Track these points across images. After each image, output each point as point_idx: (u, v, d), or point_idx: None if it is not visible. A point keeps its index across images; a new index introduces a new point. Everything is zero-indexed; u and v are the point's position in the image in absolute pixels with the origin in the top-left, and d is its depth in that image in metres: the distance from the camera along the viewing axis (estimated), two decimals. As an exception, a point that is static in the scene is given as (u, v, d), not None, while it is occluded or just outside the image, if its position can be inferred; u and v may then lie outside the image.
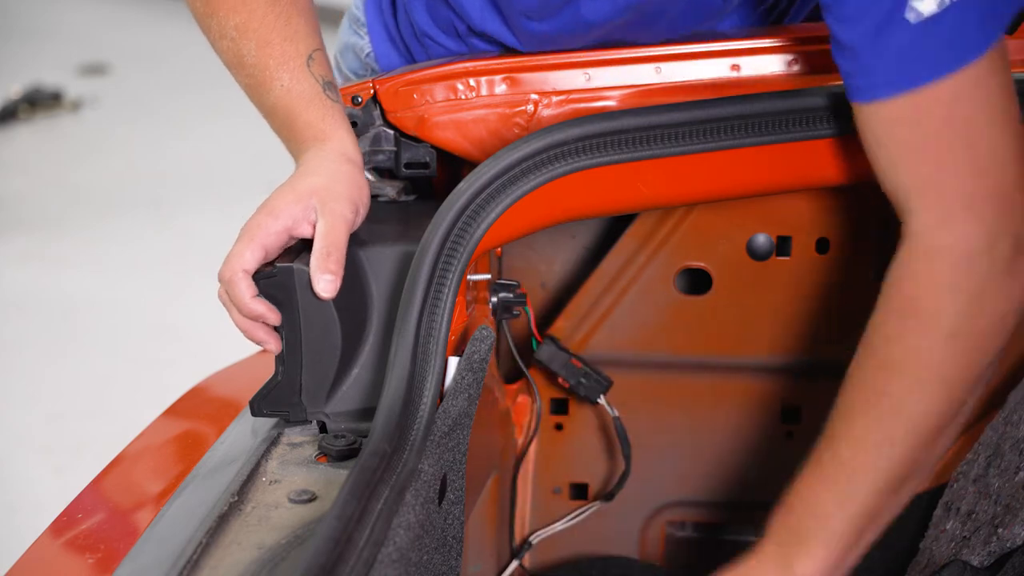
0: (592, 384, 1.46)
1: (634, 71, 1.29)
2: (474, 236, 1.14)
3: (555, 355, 1.46)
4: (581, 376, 1.46)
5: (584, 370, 1.46)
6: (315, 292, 1.09)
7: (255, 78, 1.21)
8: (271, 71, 1.20)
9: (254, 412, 1.14)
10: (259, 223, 1.11)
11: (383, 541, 0.92)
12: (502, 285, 1.36)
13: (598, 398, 1.46)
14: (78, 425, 3.13)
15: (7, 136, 5.64)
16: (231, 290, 1.11)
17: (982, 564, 1.21)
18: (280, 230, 1.12)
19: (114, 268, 4.13)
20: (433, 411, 1.08)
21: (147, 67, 6.51)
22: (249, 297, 1.10)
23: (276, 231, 1.11)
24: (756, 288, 1.45)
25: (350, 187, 1.15)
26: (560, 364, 1.46)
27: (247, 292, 1.10)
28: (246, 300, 1.11)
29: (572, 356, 1.46)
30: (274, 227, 1.11)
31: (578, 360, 1.46)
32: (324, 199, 1.12)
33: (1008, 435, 1.26)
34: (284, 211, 1.12)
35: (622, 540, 1.57)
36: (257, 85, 1.22)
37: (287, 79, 1.20)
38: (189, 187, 4.86)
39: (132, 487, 1.26)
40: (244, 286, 1.10)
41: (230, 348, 1.76)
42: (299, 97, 1.20)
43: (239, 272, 1.10)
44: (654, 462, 1.53)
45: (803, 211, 1.42)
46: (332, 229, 1.11)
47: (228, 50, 1.23)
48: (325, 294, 1.09)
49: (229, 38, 1.22)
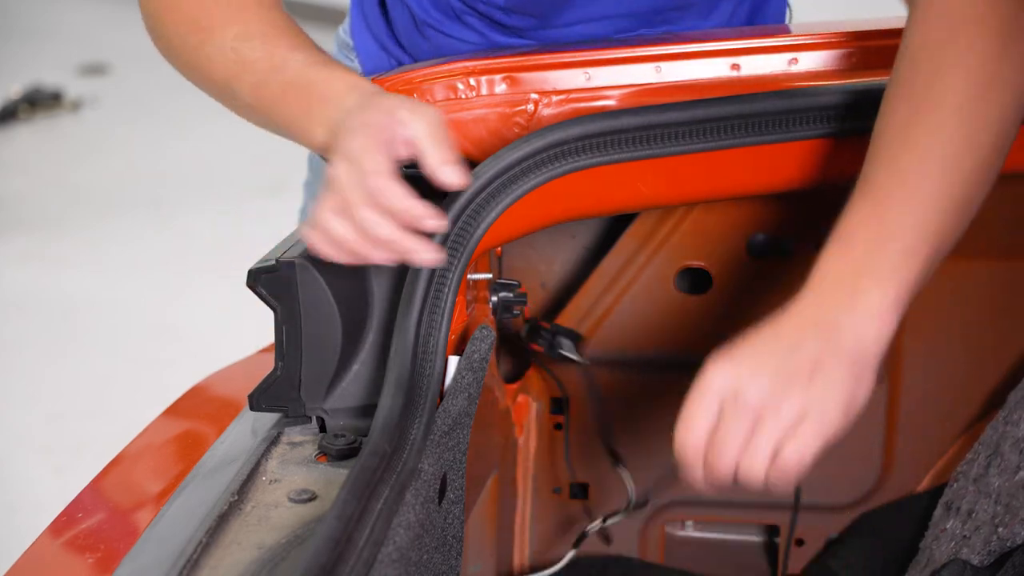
0: (563, 340, 1.44)
1: (634, 71, 1.29)
2: (474, 236, 1.14)
3: (531, 329, 1.46)
4: (551, 335, 1.45)
5: (553, 327, 1.45)
6: (447, 184, 1.04)
7: (264, 67, 1.16)
8: (282, 52, 1.16)
9: (253, 407, 1.14)
10: (373, 122, 1.04)
11: (383, 541, 0.92)
12: (502, 285, 1.36)
13: (570, 352, 1.44)
14: (78, 425, 3.13)
15: (7, 136, 5.64)
16: (383, 196, 1.01)
17: (982, 563, 1.21)
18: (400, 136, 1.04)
19: (114, 268, 4.13)
20: (433, 410, 1.08)
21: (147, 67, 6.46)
22: (404, 196, 1.01)
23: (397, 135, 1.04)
24: (756, 288, 1.45)
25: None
26: (529, 331, 1.46)
27: (400, 190, 1.01)
28: (402, 200, 1.01)
29: (539, 320, 1.46)
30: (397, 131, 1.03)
31: (545, 323, 1.46)
32: (411, 104, 1.07)
33: (1008, 434, 1.26)
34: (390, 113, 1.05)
35: (622, 540, 1.57)
36: (269, 70, 1.15)
37: (302, 56, 1.15)
38: (189, 187, 4.86)
39: (132, 487, 1.26)
40: (395, 185, 1.01)
41: (230, 348, 1.76)
42: (321, 62, 1.15)
43: (383, 175, 1.01)
44: (654, 462, 1.53)
45: (803, 211, 1.42)
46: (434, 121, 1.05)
47: (230, 61, 1.18)
48: (460, 180, 1.04)
49: (230, 49, 1.18)
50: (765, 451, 0.95)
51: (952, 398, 1.47)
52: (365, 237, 1.02)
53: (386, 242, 1.02)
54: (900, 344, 1.46)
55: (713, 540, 1.59)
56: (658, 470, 1.54)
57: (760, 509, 1.55)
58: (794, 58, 1.26)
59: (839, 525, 1.53)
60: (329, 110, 1.11)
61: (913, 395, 1.48)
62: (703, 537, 1.59)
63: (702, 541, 1.59)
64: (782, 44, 1.28)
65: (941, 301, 1.44)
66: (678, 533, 1.59)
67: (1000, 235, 1.40)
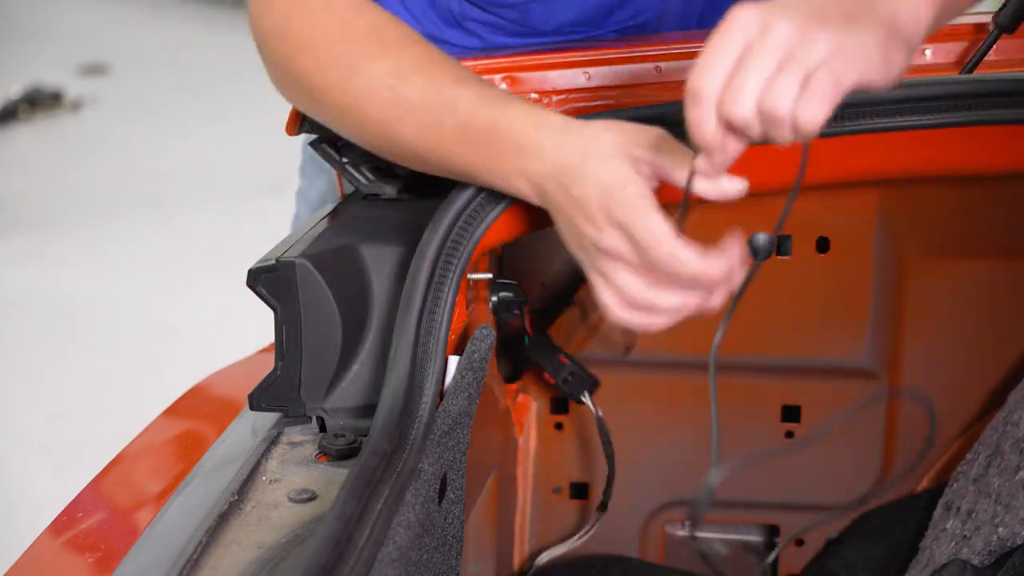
0: (577, 382, 1.44)
1: (634, 71, 1.29)
2: (474, 235, 1.14)
3: (544, 352, 1.45)
4: (568, 373, 1.44)
5: (570, 367, 1.44)
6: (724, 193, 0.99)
7: (433, 108, 1.07)
8: (449, 91, 1.07)
9: (253, 406, 1.14)
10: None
11: (383, 540, 0.92)
12: (502, 284, 1.36)
13: (582, 396, 1.45)
14: (78, 425, 3.13)
15: (7, 136, 5.64)
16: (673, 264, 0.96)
17: (982, 563, 1.21)
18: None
19: (114, 268, 4.13)
20: (433, 410, 1.08)
21: (147, 67, 6.51)
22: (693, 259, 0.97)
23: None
24: (756, 288, 1.45)
25: None
26: (547, 359, 1.44)
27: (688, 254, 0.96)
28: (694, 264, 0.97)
29: (559, 352, 1.44)
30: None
31: (565, 357, 1.44)
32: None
33: (1008, 434, 1.26)
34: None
35: (622, 540, 1.57)
36: (439, 110, 1.07)
37: (472, 91, 1.06)
38: (189, 187, 4.86)
39: (132, 487, 1.26)
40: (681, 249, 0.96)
41: (230, 348, 1.76)
42: (493, 97, 1.06)
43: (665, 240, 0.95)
44: (654, 461, 1.53)
45: (803, 210, 1.42)
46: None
47: (387, 101, 1.09)
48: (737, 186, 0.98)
49: (385, 87, 1.09)
50: (793, 79, 0.85)
51: (952, 398, 1.47)
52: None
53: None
54: (900, 344, 1.46)
55: (713, 540, 1.59)
56: (658, 469, 1.54)
57: (760, 509, 1.55)
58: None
59: (839, 525, 1.53)
60: (525, 161, 1.04)
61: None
62: (703, 537, 1.59)
63: (702, 541, 1.59)
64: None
65: (941, 301, 1.44)
66: (678, 533, 1.59)
67: (1000, 235, 1.40)
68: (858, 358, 1.44)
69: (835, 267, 1.42)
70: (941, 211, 1.39)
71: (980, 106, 1.18)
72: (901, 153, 1.22)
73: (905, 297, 1.44)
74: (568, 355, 1.44)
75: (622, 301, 1.00)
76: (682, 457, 1.54)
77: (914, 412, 1.49)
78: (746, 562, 1.59)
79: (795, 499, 1.53)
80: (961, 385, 1.47)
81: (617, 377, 1.49)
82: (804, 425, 1.50)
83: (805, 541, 1.54)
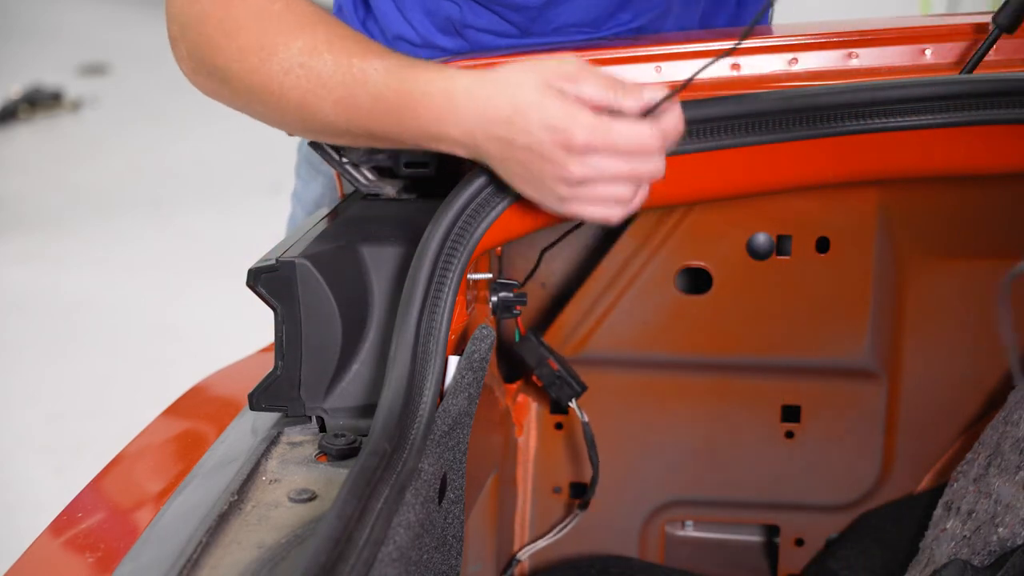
0: (564, 388, 1.43)
1: (634, 71, 1.29)
2: (474, 235, 1.14)
3: (532, 351, 1.44)
4: (555, 378, 1.43)
5: (559, 373, 1.43)
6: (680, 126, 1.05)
7: (345, 82, 1.10)
8: (358, 64, 1.10)
9: (253, 406, 1.14)
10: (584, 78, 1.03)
11: (383, 540, 0.92)
12: (502, 284, 1.36)
13: (568, 403, 1.44)
14: (78, 425, 3.13)
15: (7, 136, 5.64)
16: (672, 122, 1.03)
17: (982, 563, 1.21)
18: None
19: (114, 268, 4.13)
20: (433, 410, 1.08)
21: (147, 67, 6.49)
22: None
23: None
24: (756, 288, 1.45)
25: None
26: (536, 361, 1.44)
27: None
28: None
29: (549, 356, 1.43)
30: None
31: (554, 362, 1.43)
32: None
33: (1008, 434, 1.26)
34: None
35: (622, 540, 1.57)
36: (352, 83, 1.10)
37: (382, 62, 1.10)
38: (189, 187, 4.86)
39: (132, 487, 1.26)
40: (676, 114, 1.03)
41: (230, 348, 1.76)
42: (405, 67, 1.09)
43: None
44: (654, 461, 1.53)
45: (803, 210, 1.42)
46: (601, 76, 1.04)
47: (302, 79, 1.12)
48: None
49: (298, 65, 1.12)
50: None
51: (952, 398, 1.47)
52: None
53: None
54: (900, 344, 1.46)
55: (713, 540, 1.59)
56: (658, 468, 1.54)
57: (760, 509, 1.56)
58: (794, 58, 1.26)
59: (839, 525, 1.53)
60: (446, 126, 1.07)
61: (913, 395, 1.48)
62: (703, 537, 1.59)
63: (702, 541, 1.59)
64: (782, 44, 1.28)
65: (941, 301, 1.44)
66: (678, 533, 1.59)
67: (1000, 235, 1.40)
68: (858, 358, 1.44)
69: (835, 267, 1.42)
70: (941, 211, 1.39)
71: (980, 106, 1.18)
72: (901, 153, 1.22)
73: (905, 297, 1.44)
74: (559, 360, 1.44)
75: (616, 201, 1.06)
76: (682, 457, 1.54)
77: (914, 412, 1.49)
78: (746, 562, 1.60)
79: (795, 499, 1.53)
80: (961, 385, 1.47)
81: (617, 377, 1.49)
82: (804, 425, 1.50)
83: (805, 541, 1.54)
